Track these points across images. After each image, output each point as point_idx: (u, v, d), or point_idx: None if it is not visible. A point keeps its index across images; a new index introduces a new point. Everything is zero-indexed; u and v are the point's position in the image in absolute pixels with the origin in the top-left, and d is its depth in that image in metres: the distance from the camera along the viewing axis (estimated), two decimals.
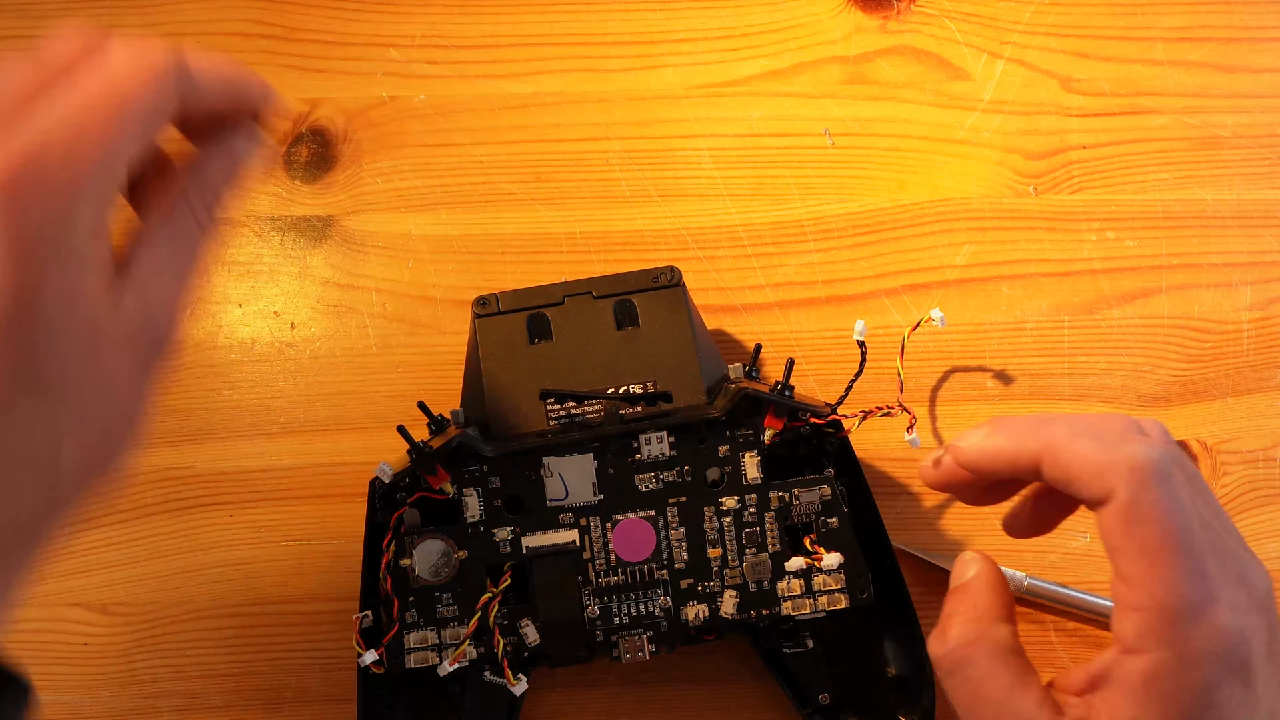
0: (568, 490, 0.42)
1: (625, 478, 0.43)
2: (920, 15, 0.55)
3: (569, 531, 0.42)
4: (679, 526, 0.43)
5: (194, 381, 0.50)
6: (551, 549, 0.42)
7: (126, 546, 0.48)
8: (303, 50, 0.54)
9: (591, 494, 0.43)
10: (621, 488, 0.43)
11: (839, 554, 0.42)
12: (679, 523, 0.43)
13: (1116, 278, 0.52)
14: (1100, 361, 0.51)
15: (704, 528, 0.43)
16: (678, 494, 0.43)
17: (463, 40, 0.55)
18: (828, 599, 0.42)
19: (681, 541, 0.43)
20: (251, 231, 0.52)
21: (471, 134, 0.53)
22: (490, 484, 0.42)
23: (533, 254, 0.52)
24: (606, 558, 0.42)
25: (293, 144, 0.53)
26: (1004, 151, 0.54)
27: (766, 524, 0.43)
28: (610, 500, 0.43)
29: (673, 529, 0.43)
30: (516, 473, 0.43)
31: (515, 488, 0.43)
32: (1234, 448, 0.50)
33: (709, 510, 0.43)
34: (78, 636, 0.47)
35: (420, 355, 0.50)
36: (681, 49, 0.55)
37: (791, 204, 0.53)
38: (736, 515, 0.43)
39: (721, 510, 0.43)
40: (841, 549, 0.43)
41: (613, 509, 0.43)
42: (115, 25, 0.54)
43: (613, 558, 0.42)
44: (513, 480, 0.43)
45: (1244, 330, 0.52)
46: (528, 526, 0.42)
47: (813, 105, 0.54)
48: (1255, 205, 0.53)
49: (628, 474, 0.43)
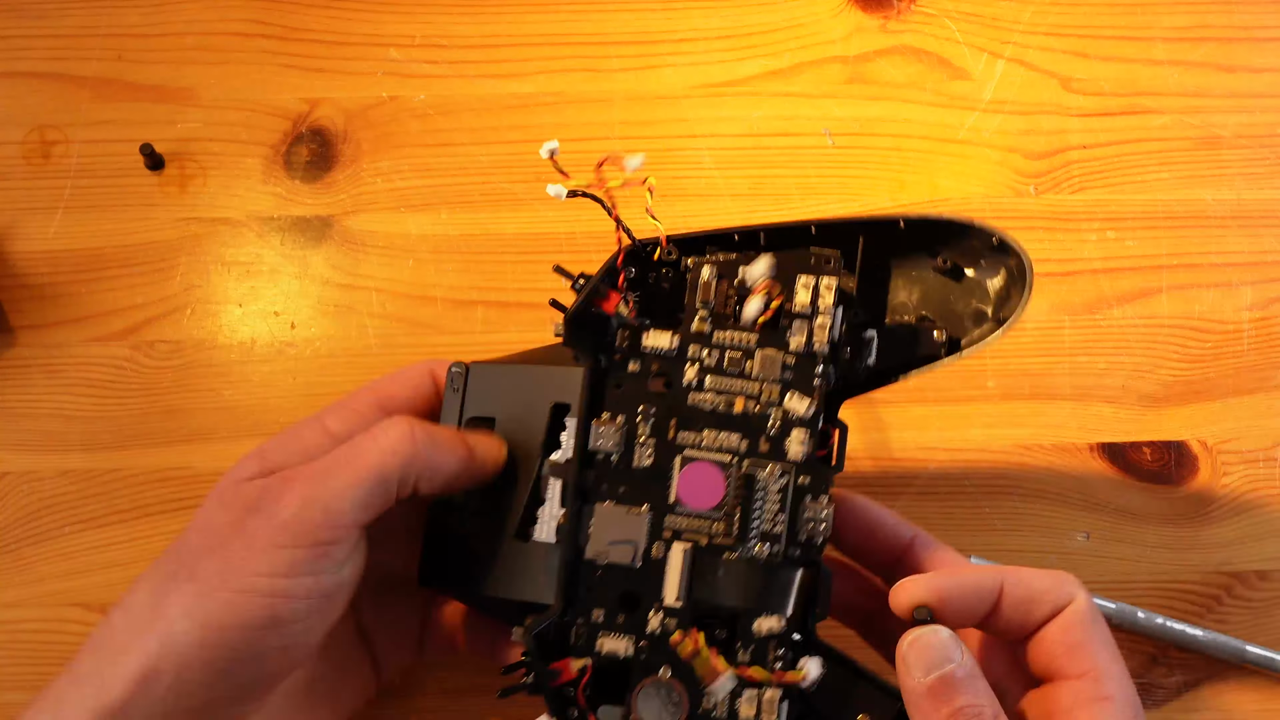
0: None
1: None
2: (920, 15, 0.55)
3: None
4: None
5: (194, 381, 0.50)
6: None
7: (126, 546, 0.48)
8: (302, 50, 0.54)
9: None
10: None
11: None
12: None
13: (1117, 278, 0.52)
14: (1100, 361, 0.51)
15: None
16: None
17: (463, 40, 0.54)
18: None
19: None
20: (251, 231, 0.52)
21: (471, 134, 0.53)
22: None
23: (533, 254, 0.52)
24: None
25: (292, 144, 0.53)
26: (1004, 151, 0.53)
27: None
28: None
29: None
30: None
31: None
32: (1234, 448, 0.50)
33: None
34: (78, 636, 0.47)
35: (420, 355, 0.50)
36: (682, 49, 0.55)
37: (792, 204, 0.53)
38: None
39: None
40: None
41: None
42: (116, 25, 0.54)
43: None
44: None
45: (1244, 330, 0.52)
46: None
47: (813, 105, 0.54)
48: (1255, 205, 0.53)
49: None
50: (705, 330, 0.37)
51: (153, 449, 0.49)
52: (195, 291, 0.51)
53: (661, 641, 0.36)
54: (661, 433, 0.37)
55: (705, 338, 0.37)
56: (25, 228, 0.52)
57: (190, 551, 0.35)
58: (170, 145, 0.53)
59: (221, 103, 0.53)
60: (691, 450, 0.37)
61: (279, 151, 0.53)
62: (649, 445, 0.37)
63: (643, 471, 0.37)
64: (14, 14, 0.54)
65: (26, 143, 0.53)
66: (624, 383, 0.37)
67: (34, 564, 0.48)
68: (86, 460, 0.49)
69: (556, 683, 0.35)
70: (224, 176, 0.52)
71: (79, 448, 0.49)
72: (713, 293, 0.37)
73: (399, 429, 0.36)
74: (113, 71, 0.53)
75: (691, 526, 0.37)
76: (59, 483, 0.49)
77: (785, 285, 0.37)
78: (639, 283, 0.38)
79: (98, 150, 0.53)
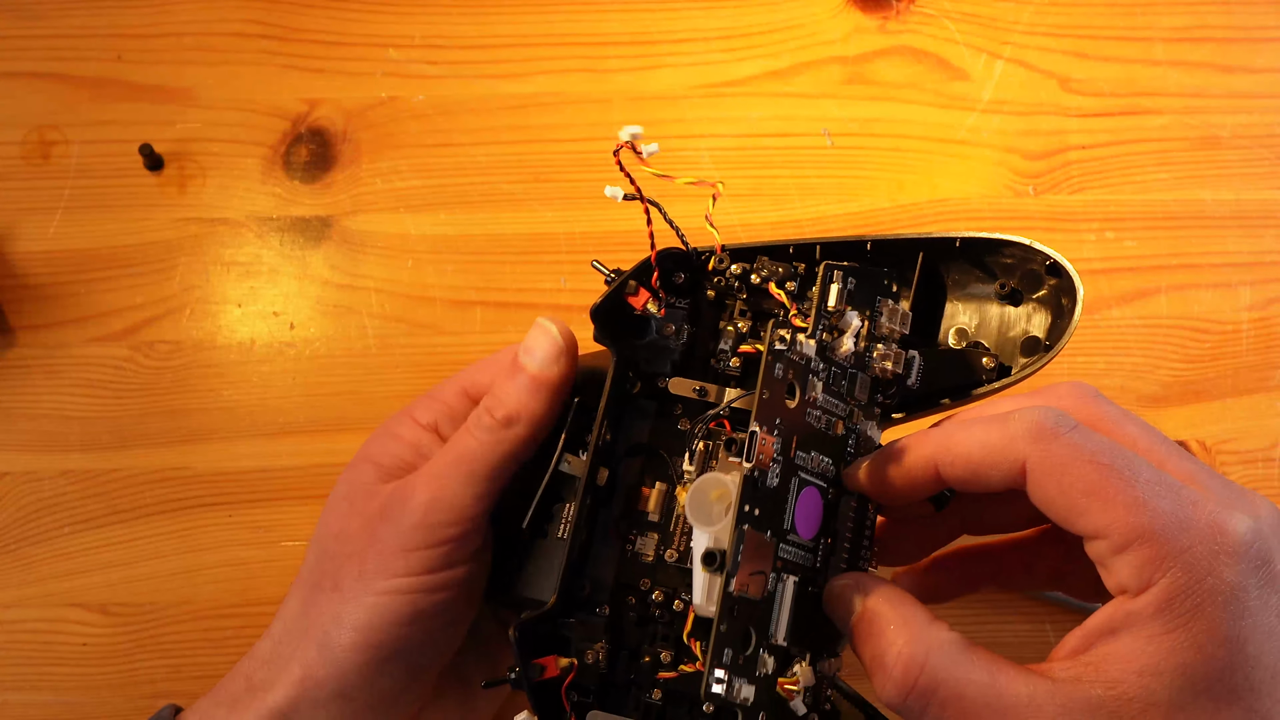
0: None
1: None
2: (920, 15, 0.55)
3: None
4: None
5: (193, 381, 0.50)
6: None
7: (126, 546, 0.48)
8: (302, 50, 0.54)
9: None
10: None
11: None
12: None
13: (1116, 278, 0.52)
14: (1100, 362, 0.51)
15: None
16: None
17: (462, 40, 0.55)
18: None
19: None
20: (251, 232, 0.52)
21: (471, 134, 0.53)
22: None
23: (532, 254, 0.52)
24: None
25: (292, 144, 0.53)
26: (1003, 152, 0.53)
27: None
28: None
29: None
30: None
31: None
32: (1234, 448, 0.50)
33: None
34: (78, 636, 0.47)
35: (420, 355, 0.50)
36: (681, 49, 0.55)
37: (791, 204, 0.53)
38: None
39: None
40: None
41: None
42: (115, 25, 0.54)
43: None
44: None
45: (1243, 330, 0.52)
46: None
47: (812, 105, 0.54)
48: (1254, 205, 0.53)
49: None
50: (827, 342, 0.35)
51: (152, 449, 0.49)
52: (194, 292, 0.51)
53: (769, 683, 0.32)
54: (786, 450, 0.33)
55: (825, 350, 0.35)
56: (25, 228, 0.52)
57: (331, 560, 0.37)
58: (169, 146, 0.53)
59: (221, 103, 0.53)
60: (804, 473, 0.34)
61: (278, 152, 0.53)
62: (778, 463, 0.33)
63: (768, 492, 0.32)
64: (14, 14, 0.54)
65: (26, 143, 0.53)
66: (771, 389, 0.32)
67: (34, 564, 0.48)
68: (86, 460, 0.49)
69: (539, 679, 0.34)
70: (223, 177, 0.53)
71: (79, 448, 0.49)
72: (835, 300, 0.35)
73: (489, 418, 0.36)
74: (112, 72, 0.54)
75: (795, 557, 0.33)
76: (59, 483, 0.49)
77: (866, 308, 0.36)
78: (684, 289, 0.37)
79: (97, 150, 0.53)
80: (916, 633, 0.30)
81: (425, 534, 0.35)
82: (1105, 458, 0.28)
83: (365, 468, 0.38)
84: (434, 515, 0.35)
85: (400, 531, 0.35)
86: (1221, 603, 0.27)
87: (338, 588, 0.36)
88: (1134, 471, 0.28)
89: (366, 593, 0.35)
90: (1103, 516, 0.28)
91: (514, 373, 0.36)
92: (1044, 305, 0.38)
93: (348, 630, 0.35)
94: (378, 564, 0.35)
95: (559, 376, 0.36)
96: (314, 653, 0.35)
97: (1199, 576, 0.27)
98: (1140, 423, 0.31)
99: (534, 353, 0.36)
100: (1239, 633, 0.27)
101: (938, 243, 0.38)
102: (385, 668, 0.35)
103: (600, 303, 0.35)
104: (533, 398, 0.36)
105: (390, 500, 0.36)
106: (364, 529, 0.36)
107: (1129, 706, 0.27)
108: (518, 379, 0.36)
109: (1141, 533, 0.27)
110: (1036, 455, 0.29)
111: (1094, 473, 0.28)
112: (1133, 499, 0.28)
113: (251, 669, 0.36)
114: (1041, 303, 0.38)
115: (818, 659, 0.33)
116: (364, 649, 0.35)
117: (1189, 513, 0.27)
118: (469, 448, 0.36)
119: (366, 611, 0.35)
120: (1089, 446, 0.29)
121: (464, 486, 0.36)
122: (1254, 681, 0.27)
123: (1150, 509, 0.27)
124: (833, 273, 0.35)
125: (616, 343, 0.36)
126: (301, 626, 0.36)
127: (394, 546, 0.35)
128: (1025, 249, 0.37)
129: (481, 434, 0.36)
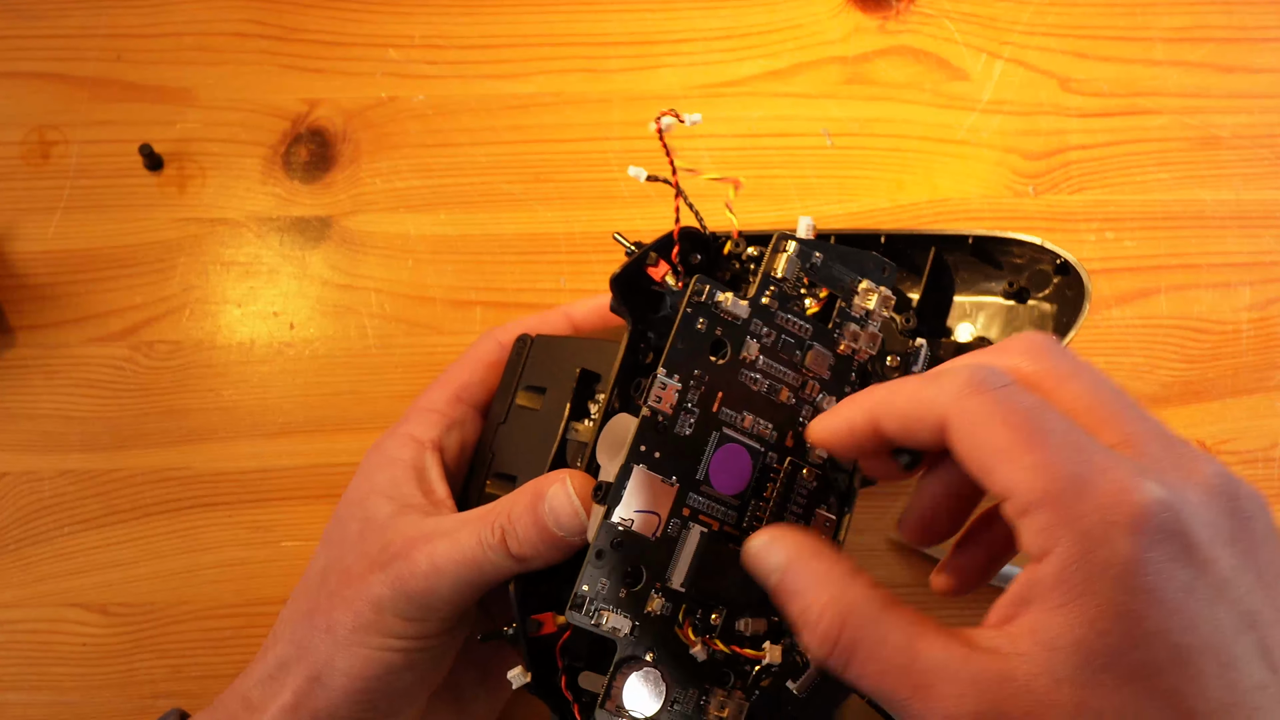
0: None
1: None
2: (919, 15, 0.55)
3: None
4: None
5: (193, 381, 0.50)
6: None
7: (126, 546, 0.48)
8: (301, 50, 0.54)
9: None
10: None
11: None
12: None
13: (1115, 278, 0.52)
14: (1100, 361, 0.51)
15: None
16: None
17: (462, 40, 0.55)
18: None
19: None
20: (250, 232, 0.52)
21: (470, 134, 0.53)
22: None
23: (532, 254, 0.52)
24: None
25: (291, 144, 0.53)
26: (1003, 152, 0.54)
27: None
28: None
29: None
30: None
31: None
32: (1234, 448, 0.50)
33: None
34: (77, 636, 0.47)
35: (419, 355, 0.50)
36: (681, 49, 0.55)
37: (790, 205, 0.53)
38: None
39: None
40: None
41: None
42: (115, 25, 0.54)
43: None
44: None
45: (1243, 330, 0.52)
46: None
47: (812, 105, 0.54)
48: (1254, 205, 0.53)
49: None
50: (773, 308, 0.36)
51: (152, 449, 0.49)
52: (194, 292, 0.51)
53: (655, 624, 0.33)
54: (707, 404, 0.34)
55: (770, 316, 0.36)
56: (25, 228, 0.52)
57: (329, 596, 0.38)
58: (169, 145, 0.53)
59: (220, 103, 0.53)
60: (729, 430, 0.35)
61: (278, 152, 0.53)
62: (693, 414, 0.34)
63: (679, 440, 0.34)
64: (14, 14, 0.54)
65: (26, 143, 0.53)
66: (687, 340, 0.34)
67: (34, 564, 0.48)
68: (86, 460, 0.49)
69: (536, 634, 0.35)
70: (223, 177, 0.53)
71: (78, 448, 0.49)
72: (783, 269, 0.36)
73: (503, 549, 0.36)
74: (112, 72, 0.54)
75: (710, 510, 0.35)
76: (59, 483, 0.49)
77: (846, 284, 0.37)
78: (701, 270, 0.38)
79: (97, 150, 0.53)
80: (838, 590, 0.29)
81: (422, 609, 0.36)
82: (1019, 417, 0.27)
83: (376, 501, 0.39)
84: (431, 597, 0.36)
85: (397, 598, 0.36)
86: (1114, 576, 0.25)
87: (331, 630, 0.37)
88: (1046, 433, 0.27)
89: (360, 645, 0.36)
90: (1009, 477, 0.27)
91: (536, 519, 0.35)
92: (1049, 304, 0.38)
93: (340, 675, 0.37)
94: (374, 621, 0.36)
95: (573, 537, 0.36)
96: (307, 684, 0.37)
97: (1090, 547, 0.25)
98: (1092, 379, 0.30)
99: (557, 514, 0.35)
100: (1134, 608, 0.25)
101: (950, 239, 0.38)
102: (376, 701, 0.37)
103: (620, 271, 0.36)
104: (548, 549, 0.36)
105: (395, 558, 0.37)
106: (365, 575, 0.37)
107: (1037, 681, 0.26)
108: (540, 528, 0.35)
109: (1041, 497, 0.26)
110: (955, 411, 0.28)
111: (1005, 432, 0.27)
112: (1036, 461, 0.26)
113: (248, 688, 0.38)
114: (1047, 301, 0.38)
115: (743, 616, 0.34)
116: (355, 691, 0.37)
117: (1093, 478, 0.26)
118: (474, 557, 0.36)
119: (361, 662, 0.36)
120: (1007, 404, 0.28)
121: (464, 587, 0.36)
122: (1155, 659, 0.25)
123: (1051, 472, 0.26)
124: (782, 242, 0.36)
125: (633, 312, 0.37)
126: (295, 655, 0.37)
127: (390, 610, 0.36)
128: (1035, 248, 0.38)
129: (491, 554, 0.36)
